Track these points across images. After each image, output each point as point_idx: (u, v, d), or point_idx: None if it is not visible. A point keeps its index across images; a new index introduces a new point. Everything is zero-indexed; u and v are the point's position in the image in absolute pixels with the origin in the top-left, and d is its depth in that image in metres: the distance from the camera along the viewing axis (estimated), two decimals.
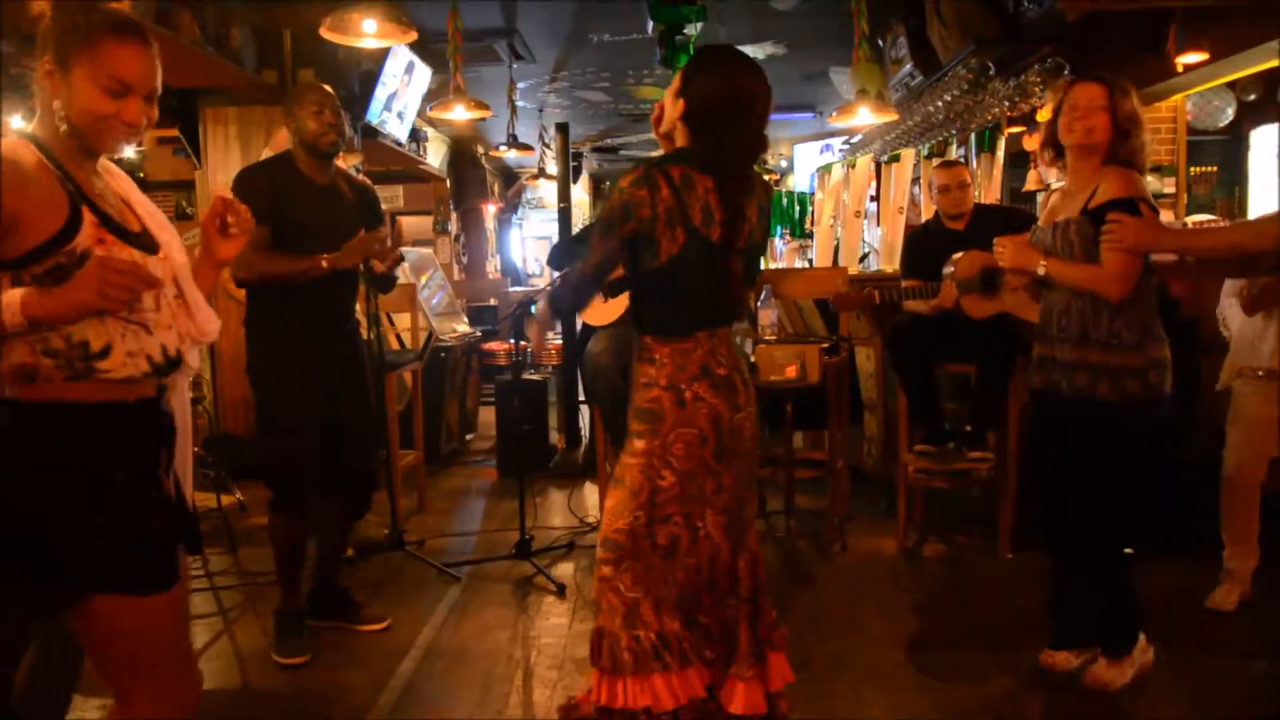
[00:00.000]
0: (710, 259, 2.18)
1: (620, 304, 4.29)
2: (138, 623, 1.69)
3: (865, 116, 4.84)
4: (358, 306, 3.51)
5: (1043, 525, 3.04)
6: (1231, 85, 5.35)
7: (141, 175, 7.04)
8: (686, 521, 2.25)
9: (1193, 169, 6.67)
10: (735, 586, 2.32)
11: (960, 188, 4.20)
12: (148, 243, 1.75)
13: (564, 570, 4.10)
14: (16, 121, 3.98)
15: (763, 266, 7.81)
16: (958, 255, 3.97)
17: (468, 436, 6.99)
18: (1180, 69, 4.94)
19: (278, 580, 3.35)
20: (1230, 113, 5.41)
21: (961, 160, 4.52)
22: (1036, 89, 5.20)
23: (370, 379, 3.50)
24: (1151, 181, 6.14)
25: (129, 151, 6.81)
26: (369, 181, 3.63)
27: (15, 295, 1.55)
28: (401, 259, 3.56)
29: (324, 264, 3.15)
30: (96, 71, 1.66)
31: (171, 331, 1.76)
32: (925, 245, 4.28)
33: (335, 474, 3.33)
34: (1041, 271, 2.80)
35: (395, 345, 5.79)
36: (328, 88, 3.33)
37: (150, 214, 1.84)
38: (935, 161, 5.86)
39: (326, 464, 3.27)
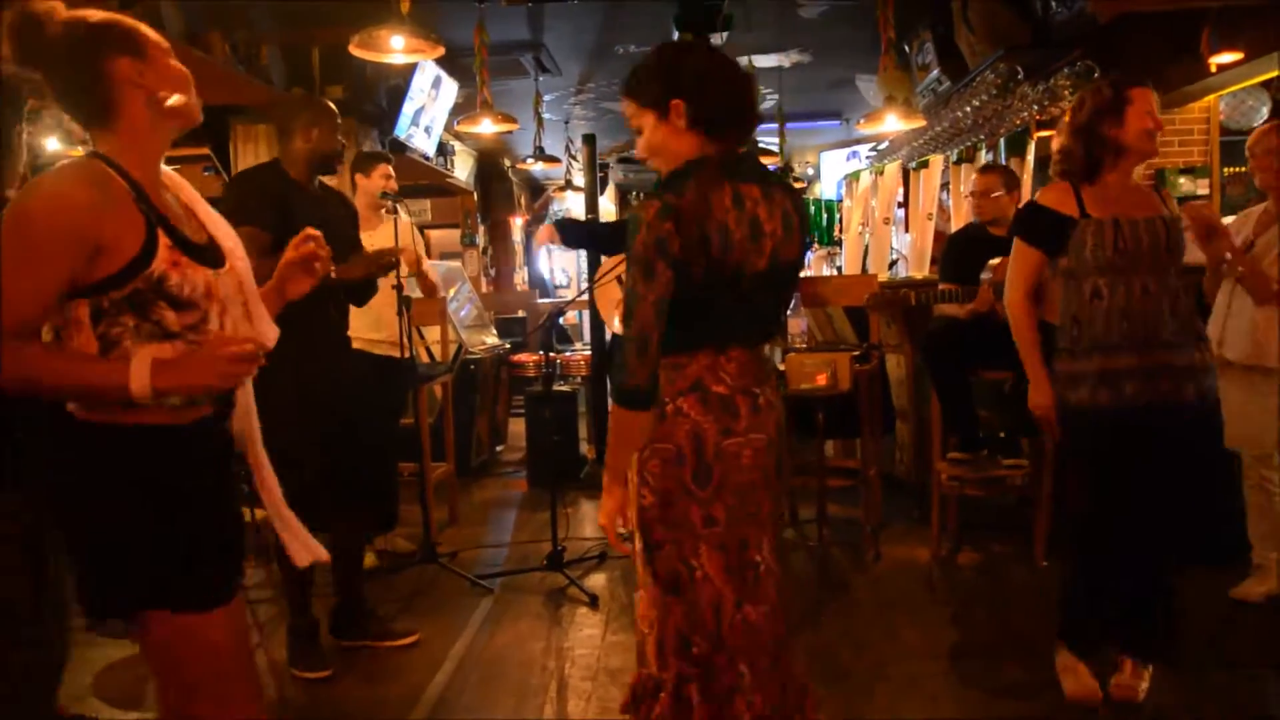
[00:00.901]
0: (725, 279, 1.90)
1: None
2: (193, 640, 1.68)
3: (893, 123, 4.84)
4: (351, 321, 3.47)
5: (1097, 533, 2.82)
6: (1266, 85, 5.27)
7: None
8: (679, 553, 1.97)
9: (1226, 170, 6.59)
10: (749, 647, 1.98)
11: (982, 196, 4.16)
12: (214, 255, 1.74)
13: (596, 581, 4.09)
14: (52, 143, 4.06)
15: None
16: (996, 260, 3.94)
17: (498, 448, 7.00)
18: (1214, 69, 4.88)
19: (287, 597, 3.34)
20: (1265, 112, 5.34)
21: (1003, 166, 4.46)
22: (1066, 93, 5.16)
23: (377, 390, 3.47)
24: (1184, 183, 6.07)
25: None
26: (342, 191, 3.64)
27: (145, 367, 1.55)
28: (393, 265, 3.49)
29: (333, 274, 3.10)
30: (159, 46, 1.70)
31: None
32: (965, 250, 4.24)
33: (347, 493, 3.32)
34: (1228, 255, 2.84)
35: (425, 358, 5.82)
36: (329, 101, 3.35)
37: (215, 222, 1.83)
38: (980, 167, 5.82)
39: (335, 485, 3.23)
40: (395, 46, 3.90)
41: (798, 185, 10.49)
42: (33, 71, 1.65)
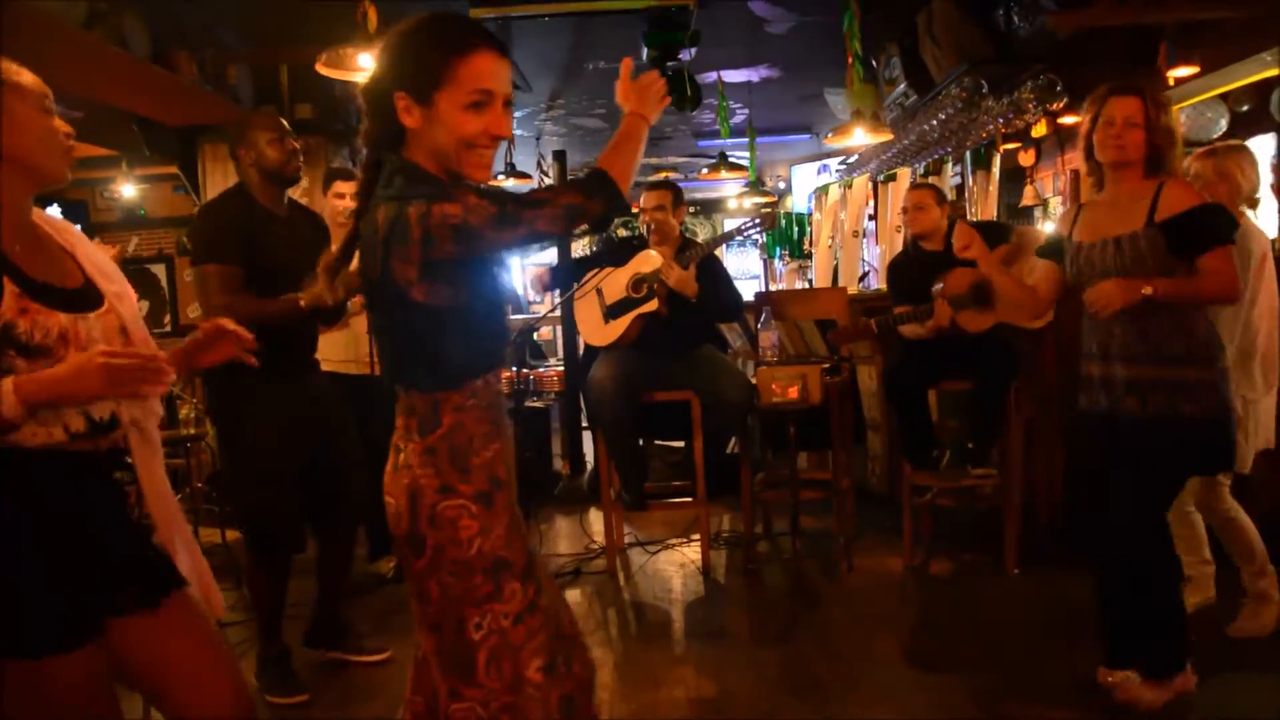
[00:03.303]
0: None
1: (621, 325, 4.30)
2: (33, 685, 1.56)
3: (861, 137, 4.87)
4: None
5: (1093, 543, 2.88)
6: (1224, 97, 5.37)
7: (142, 212, 7.09)
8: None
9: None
10: None
11: (915, 209, 4.22)
12: (89, 297, 1.68)
13: (571, 597, 4.09)
14: None
15: (763, 289, 7.80)
16: (944, 275, 4.00)
17: None
18: (1172, 82, 4.97)
19: (258, 626, 3.29)
20: (1224, 124, 5.43)
21: (929, 184, 4.55)
22: (1030, 106, 5.23)
23: (358, 409, 3.45)
24: None
25: (129, 190, 6.88)
26: (315, 210, 3.60)
27: (7, 386, 1.51)
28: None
29: (302, 303, 3.02)
30: (29, 97, 1.62)
31: (106, 402, 1.66)
32: (907, 271, 4.31)
33: (330, 511, 3.32)
34: (1149, 292, 2.59)
35: None
36: (281, 118, 3.26)
37: (97, 265, 1.76)
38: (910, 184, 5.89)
39: (319, 502, 3.23)
40: (363, 65, 3.88)
41: (768, 199, 10.54)
42: None
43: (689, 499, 4.49)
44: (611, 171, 1.77)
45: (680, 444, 5.65)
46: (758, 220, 4.45)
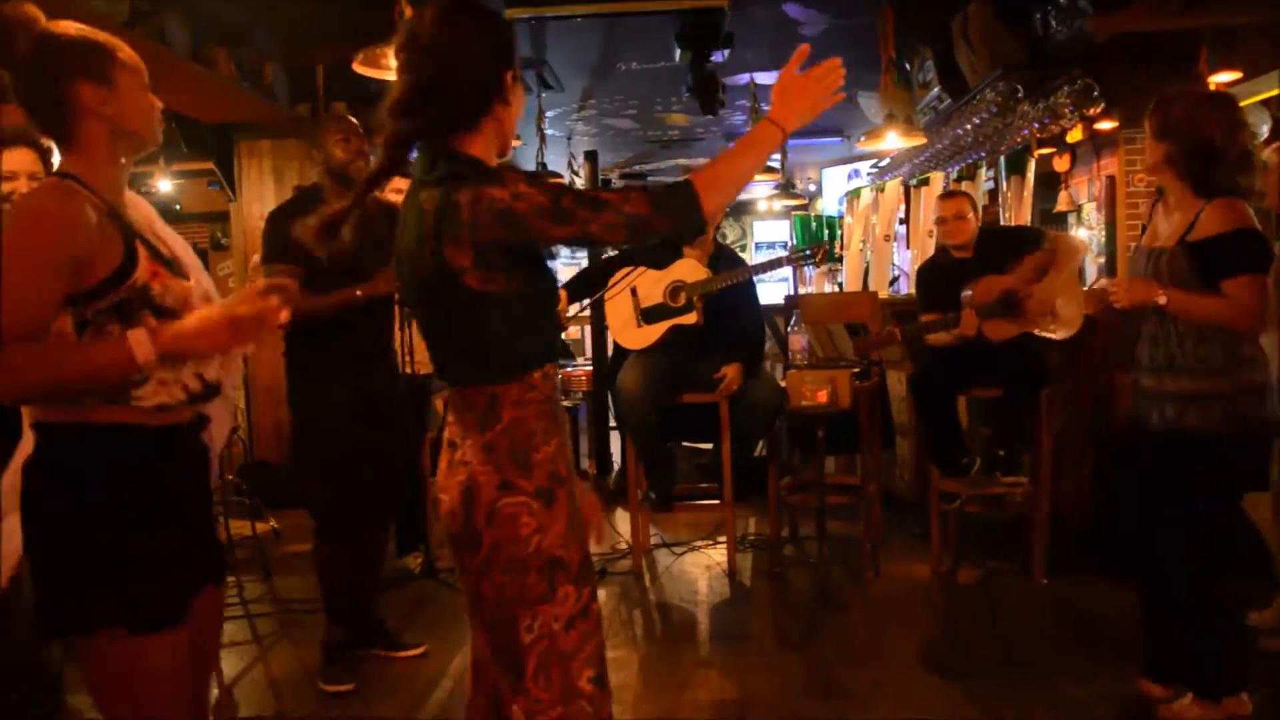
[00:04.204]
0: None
1: (656, 331, 4.30)
2: (132, 662, 1.63)
3: (894, 140, 4.86)
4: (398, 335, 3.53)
5: (1131, 558, 2.86)
6: (1266, 102, 5.29)
7: (178, 207, 7.18)
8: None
9: None
10: None
11: (957, 219, 4.19)
12: (180, 270, 1.77)
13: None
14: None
15: (792, 292, 7.77)
16: (972, 283, 3.97)
17: None
18: (1213, 88, 4.90)
19: (327, 610, 3.35)
20: (1265, 130, 5.35)
21: (965, 193, 4.53)
22: (1066, 110, 5.19)
23: (409, 407, 3.52)
24: None
25: (166, 185, 6.97)
26: (394, 199, 3.65)
27: (143, 335, 1.58)
28: None
29: (358, 293, 3.17)
30: (133, 72, 1.70)
31: (210, 360, 1.75)
32: (937, 278, 4.28)
33: (381, 504, 3.37)
34: (1162, 301, 2.59)
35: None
36: (352, 118, 3.37)
37: (174, 239, 1.86)
38: (938, 193, 5.87)
39: (374, 494, 3.30)
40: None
41: (798, 202, 10.50)
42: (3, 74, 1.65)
43: (716, 501, 4.48)
44: (697, 183, 1.62)
45: (708, 446, 5.64)
46: (809, 251, 4.44)
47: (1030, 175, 6.65)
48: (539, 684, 1.64)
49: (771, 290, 8.60)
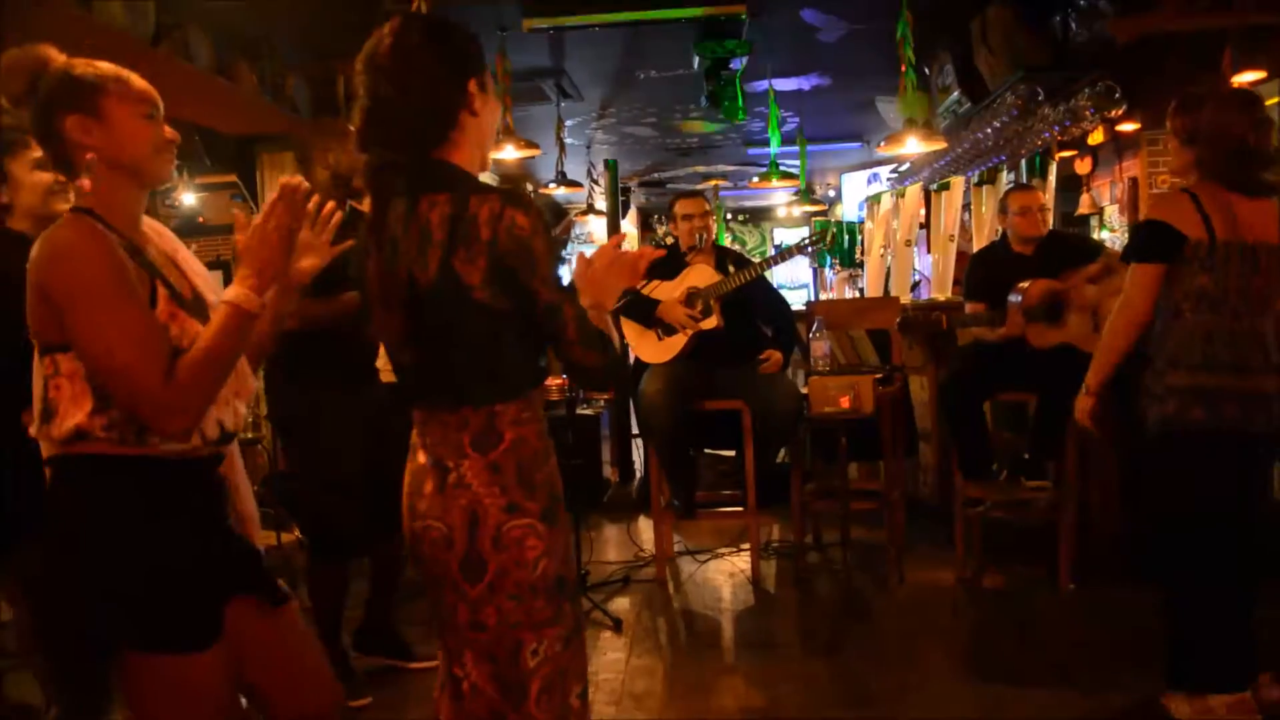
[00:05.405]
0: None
1: (679, 342, 4.30)
2: (170, 682, 1.62)
3: (914, 145, 4.84)
4: None
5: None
6: None
7: (201, 220, 7.23)
8: (446, 657, 1.73)
9: None
10: None
11: (1041, 210, 4.18)
12: (201, 307, 1.72)
13: (620, 605, 4.09)
14: None
15: (812, 297, 7.75)
16: (1025, 284, 3.93)
17: None
18: (1236, 87, 4.86)
19: (319, 631, 3.28)
20: None
21: (1034, 187, 4.51)
22: (1087, 113, 5.15)
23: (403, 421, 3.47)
24: None
25: (189, 198, 7.02)
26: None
27: (237, 286, 1.63)
28: None
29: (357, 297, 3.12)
30: (134, 102, 1.66)
31: (229, 407, 1.71)
32: (993, 269, 4.22)
33: (387, 517, 3.34)
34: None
35: None
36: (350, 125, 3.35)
37: (198, 272, 1.82)
38: (1010, 186, 5.81)
39: (373, 510, 3.24)
40: None
41: (818, 208, 10.48)
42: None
43: (739, 508, 4.48)
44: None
45: (730, 453, 5.63)
46: (816, 238, 4.43)
47: (1052, 178, 6.61)
48: (540, 707, 1.61)
49: (792, 297, 8.57)
